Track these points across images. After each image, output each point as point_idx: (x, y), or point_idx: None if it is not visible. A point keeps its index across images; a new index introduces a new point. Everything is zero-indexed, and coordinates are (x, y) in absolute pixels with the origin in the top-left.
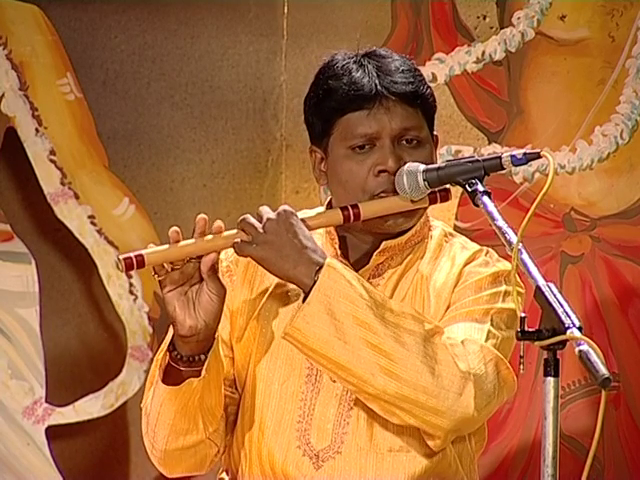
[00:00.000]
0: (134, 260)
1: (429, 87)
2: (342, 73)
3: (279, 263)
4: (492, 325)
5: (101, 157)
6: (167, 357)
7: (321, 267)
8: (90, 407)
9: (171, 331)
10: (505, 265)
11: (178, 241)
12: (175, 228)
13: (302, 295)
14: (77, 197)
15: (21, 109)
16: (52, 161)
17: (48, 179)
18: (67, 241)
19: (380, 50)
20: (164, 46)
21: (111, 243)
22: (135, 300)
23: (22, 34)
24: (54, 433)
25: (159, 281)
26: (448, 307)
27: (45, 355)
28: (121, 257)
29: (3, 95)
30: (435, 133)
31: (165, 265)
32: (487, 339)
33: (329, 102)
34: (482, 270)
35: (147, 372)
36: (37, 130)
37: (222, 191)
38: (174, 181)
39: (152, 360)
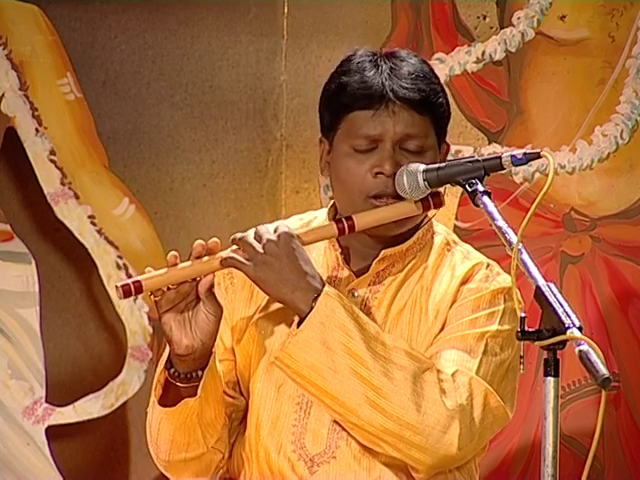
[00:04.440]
0: (132, 287)
1: (443, 96)
2: (355, 70)
3: (277, 286)
4: (485, 352)
5: (101, 157)
6: (165, 374)
7: (318, 294)
8: (90, 407)
9: (168, 348)
10: (505, 280)
11: (175, 265)
12: (173, 252)
13: (296, 320)
14: (77, 197)
15: (21, 109)
16: (52, 161)
17: (48, 179)
18: (67, 241)
19: (401, 52)
20: (164, 46)
21: (111, 243)
22: (135, 300)
23: (22, 34)
24: (54, 433)
25: (155, 301)
26: (444, 323)
27: (45, 355)
28: (119, 285)
29: (3, 95)
30: (447, 141)
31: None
32: (479, 369)
33: (339, 97)
34: (481, 286)
35: (147, 372)
36: (37, 130)
37: (222, 191)
38: (174, 181)
39: (152, 360)
